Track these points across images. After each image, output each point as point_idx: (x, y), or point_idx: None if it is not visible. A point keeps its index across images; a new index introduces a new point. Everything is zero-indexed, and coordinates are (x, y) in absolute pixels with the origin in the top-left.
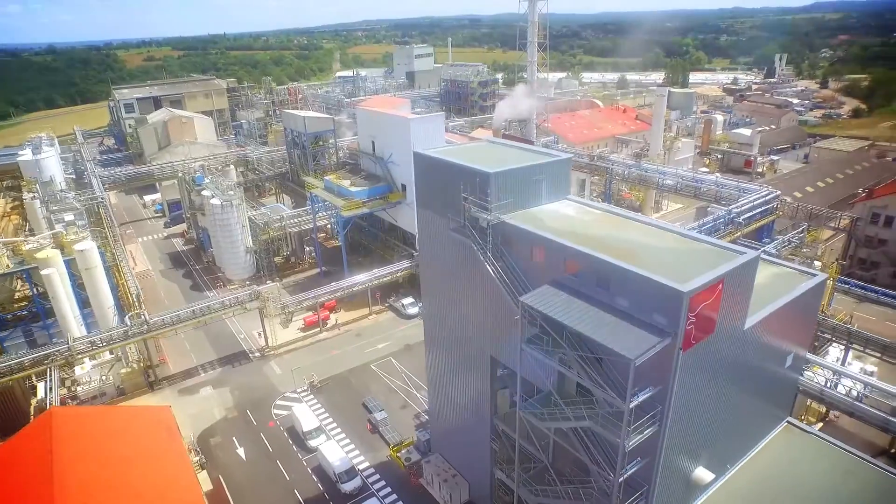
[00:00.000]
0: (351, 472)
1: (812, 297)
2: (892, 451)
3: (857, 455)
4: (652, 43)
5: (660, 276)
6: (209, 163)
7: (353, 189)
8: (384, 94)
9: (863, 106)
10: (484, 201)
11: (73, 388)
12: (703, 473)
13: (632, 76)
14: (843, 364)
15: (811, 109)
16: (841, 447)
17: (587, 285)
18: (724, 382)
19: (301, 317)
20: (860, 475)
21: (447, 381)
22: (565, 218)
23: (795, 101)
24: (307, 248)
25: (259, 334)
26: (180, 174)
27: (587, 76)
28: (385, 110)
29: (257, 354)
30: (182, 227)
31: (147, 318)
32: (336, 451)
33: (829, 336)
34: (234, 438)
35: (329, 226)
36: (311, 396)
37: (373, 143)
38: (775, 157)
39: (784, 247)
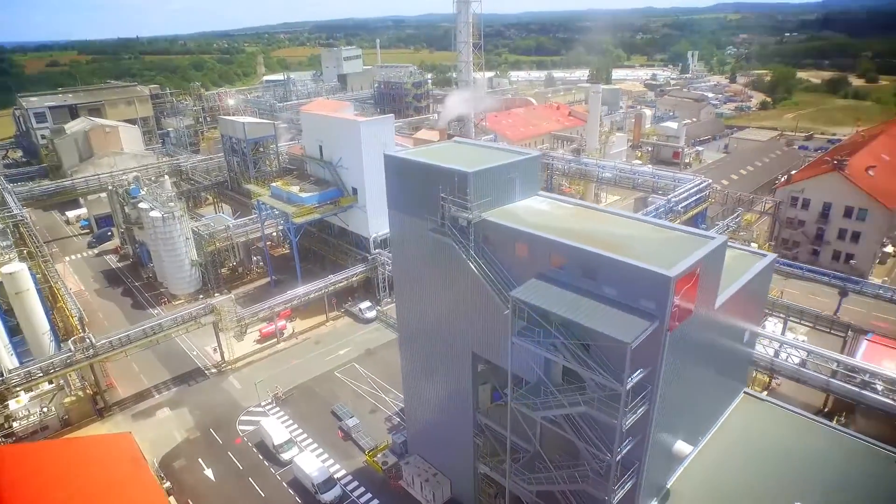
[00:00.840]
0: (330, 482)
1: (764, 275)
2: (826, 409)
3: (806, 416)
4: (574, 41)
5: (646, 264)
6: (140, 174)
7: (304, 195)
8: (319, 98)
9: (768, 99)
10: (464, 200)
11: (6, 425)
12: (682, 446)
13: (557, 74)
14: (782, 335)
15: (724, 103)
16: (793, 411)
17: (573, 277)
18: (699, 359)
19: (256, 329)
20: (813, 433)
21: (425, 380)
22: (541, 213)
23: (710, 95)
24: (255, 258)
25: (214, 349)
26: (110, 187)
27: (514, 75)
28: (332, 114)
29: (214, 371)
30: (115, 242)
31: (93, 341)
32: (312, 461)
33: (768, 310)
34: (199, 460)
35: (276, 234)
36: (277, 409)
37: (320, 147)
38: (700, 148)
39: (724, 231)
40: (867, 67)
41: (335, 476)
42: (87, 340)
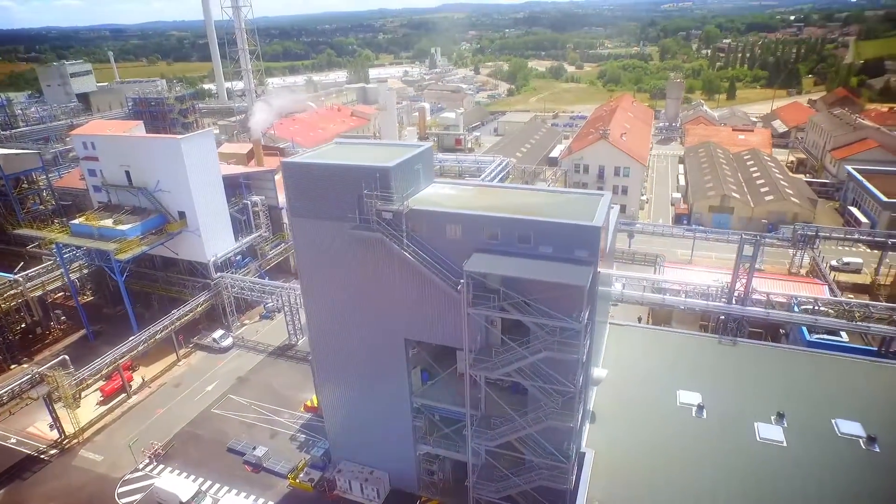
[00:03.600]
0: None
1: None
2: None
3: (651, 328)
4: (319, 44)
5: (574, 220)
6: None
7: (123, 227)
8: (95, 119)
9: (512, 87)
10: (388, 194)
11: None
12: (600, 372)
13: (315, 77)
14: None
15: (478, 92)
16: (641, 327)
17: (509, 244)
18: (601, 297)
19: (91, 390)
20: (662, 340)
21: (349, 382)
22: (451, 197)
23: (465, 86)
24: (55, 313)
25: (51, 426)
26: None
27: (270, 81)
28: (141, 135)
29: (54, 452)
30: None
31: None
32: (239, 502)
33: None
34: None
35: (76, 281)
36: (162, 466)
37: (127, 172)
38: (477, 134)
39: None
40: (573, 57)
41: None
42: None
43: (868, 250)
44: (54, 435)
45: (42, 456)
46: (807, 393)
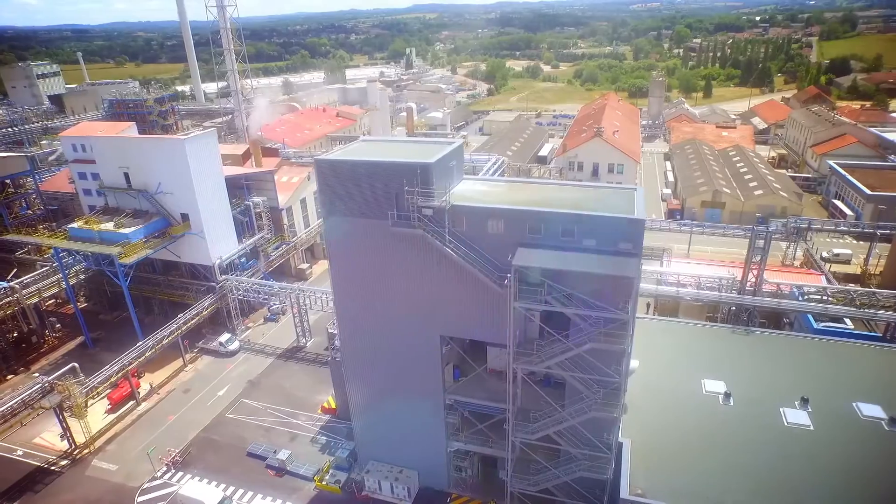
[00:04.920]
0: None
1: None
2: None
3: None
4: (292, 45)
5: (617, 214)
6: None
7: (125, 230)
8: (83, 122)
9: (492, 86)
10: (428, 191)
11: None
12: (634, 363)
13: (292, 78)
14: None
15: (457, 92)
16: (656, 318)
17: (553, 238)
18: None
19: (101, 398)
20: (683, 332)
21: (381, 380)
22: (485, 193)
23: (443, 86)
24: (50, 321)
25: (61, 436)
26: None
27: (246, 82)
28: (141, 136)
29: (65, 463)
30: None
31: None
32: None
33: None
34: None
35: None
36: (181, 473)
37: (126, 175)
38: (465, 133)
39: None
40: (549, 57)
41: None
42: None
43: (855, 241)
44: (64, 445)
45: (53, 467)
46: (824, 378)
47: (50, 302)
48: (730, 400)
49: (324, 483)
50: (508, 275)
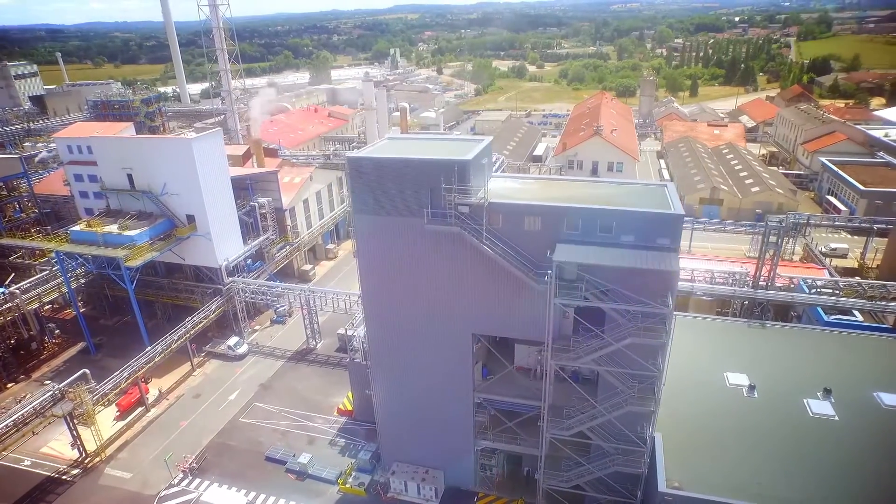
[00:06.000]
0: None
1: None
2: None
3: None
4: (274, 46)
5: (655, 209)
6: None
7: (130, 233)
8: (76, 122)
9: (479, 86)
10: (465, 187)
11: None
12: None
13: (276, 79)
14: None
15: (445, 92)
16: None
17: (590, 234)
18: None
19: (109, 405)
20: (700, 327)
21: (409, 380)
22: (518, 190)
23: (431, 86)
24: (49, 327)
25: (72, 445)
26: None
27: (240, 82)
28: (145, 136)
29: (77, 471)
30: None
31: None
32: None
33: None
34: None
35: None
36: (199, 480)
37: (129, 176)
38: (458, 132)
39: None
40: (533, 57)
41: None
42: None
43: (850, 236)
44: (74, 454)
45: (64, 477)
46: (842, 369)
47: (47, 307)
48: (754, 392)
49: (347, 486)
50: (549, 271)
